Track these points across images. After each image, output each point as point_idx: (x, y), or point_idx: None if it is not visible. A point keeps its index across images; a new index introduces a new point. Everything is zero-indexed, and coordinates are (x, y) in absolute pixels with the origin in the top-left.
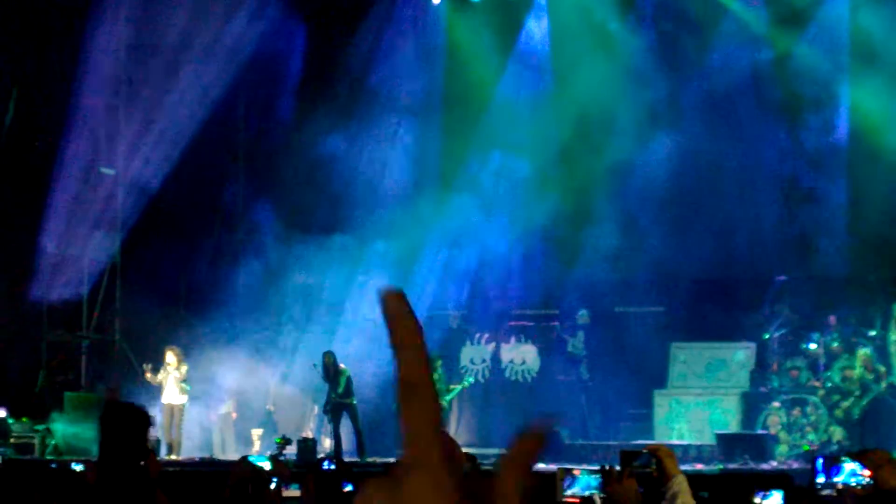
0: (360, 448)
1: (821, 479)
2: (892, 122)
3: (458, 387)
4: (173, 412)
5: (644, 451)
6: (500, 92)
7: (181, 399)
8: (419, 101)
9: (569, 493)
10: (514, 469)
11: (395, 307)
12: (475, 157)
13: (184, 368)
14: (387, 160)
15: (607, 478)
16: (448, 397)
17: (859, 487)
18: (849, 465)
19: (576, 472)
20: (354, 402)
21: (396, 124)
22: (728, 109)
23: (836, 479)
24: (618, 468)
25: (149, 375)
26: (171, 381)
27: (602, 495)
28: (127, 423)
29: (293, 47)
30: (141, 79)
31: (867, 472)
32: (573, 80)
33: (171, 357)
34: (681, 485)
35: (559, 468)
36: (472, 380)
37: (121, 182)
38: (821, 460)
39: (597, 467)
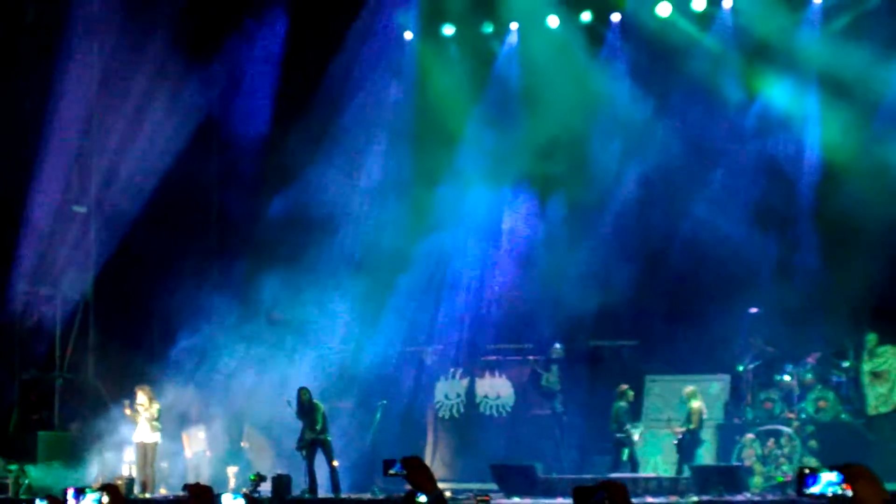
0: (335, 485)
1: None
2: (862, 153)
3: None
4: (146, 451)
5: (598, 487)
6: (472, 122)
7: (153, 437)
8: (391, 131)
9: None
10: None
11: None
12: (447, 188)
13: (155, 407)
14: (358, 192)
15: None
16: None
17: (834, 496)
18: (826, 476)
19: None
20: (329, 438)
21: (370, 153)
22: (700, 141)
23: (812, 489)
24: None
25: (128, 412)
26: (142, 419)
27: None
28: None
29: (266, 79)
30: (112, 115)
31: (846, 486)
32: (544, 111)
33: (141, 397)
34: None
35: None
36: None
37: (93, 219)
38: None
39: None
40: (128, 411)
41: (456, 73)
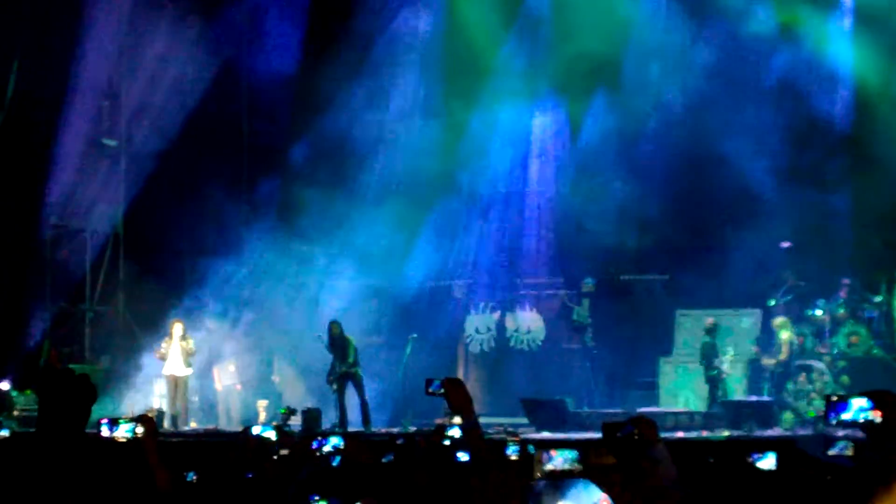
0: (365, 418)
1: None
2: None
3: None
4: (177, 384)
5: (626, 422)
6: (503, 50)
7: (185, 371)
8: (422, 61)
9: (548, 467)
10: None
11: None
12: (478, 117)
13: (191, 341)
14: (389, 120)
15: (585, 453)
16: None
17: (865, 422)
18: (857, 402)
19: (552, 453)
20: (360, 372)
21: (401, 84)
22: (733, 72)
23: (842, 416)
24: (596, 439)
25: (165, 345)
26: (175, 352)
27: (580, 468)
28: (65, 391)
29: (296, 11)
30: (142, 49)
31: (878, 413)
32: (577, 38)
33: (178, 329)
34: (661, 452)
35: (537, 451)
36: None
37: (123, 153)
38: (831, 399)
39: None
40: (165, 344)
41: (485, 6)
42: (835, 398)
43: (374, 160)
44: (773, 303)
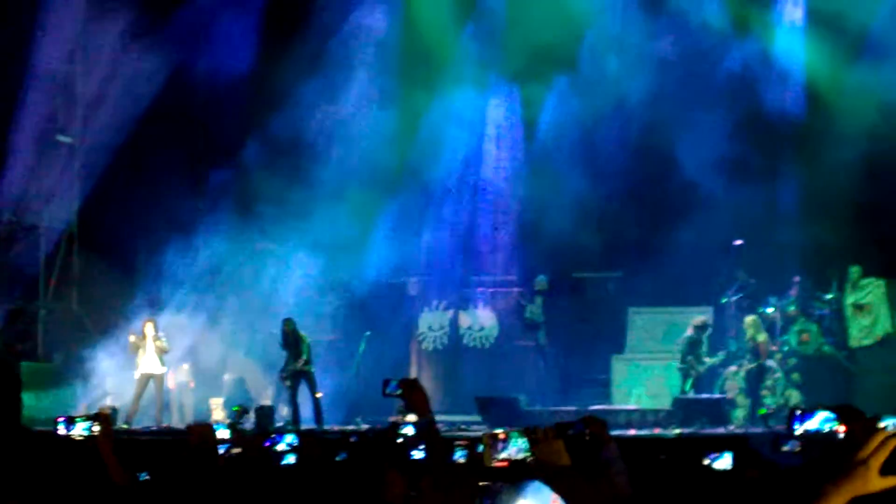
0: (318, 416)
1: (796, 427)
2: (848, 89)
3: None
4: (153, 382)
5: (577, 421)
6: (459, 44)
7: (161, 369)
8: (379, 51)
9: (501, 456)
10: None
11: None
12: (434, 112)
13: (164, 340)
14: (347, 116)
15: (533, 439)
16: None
17: (828, 433)
18: (822, 414)
19: (501, 436)
20: (313, 370)
21: (357, 79)
22: (688, 71)
23: (806, 425)
24: (543, 428)
25: (133, 339)
26: (150, 350)
27: (532, 457)
28: None
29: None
30: (98, 44)
31: (842, 427)
32: (533, 38)
33: (150, 328)
34: (613, 452)
35: (485, 433)
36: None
37: (78, 149)
38: (798, 412)
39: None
40: (132, 338)
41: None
42: (798, 411)
43: (329, 154)
44: (724, 300)
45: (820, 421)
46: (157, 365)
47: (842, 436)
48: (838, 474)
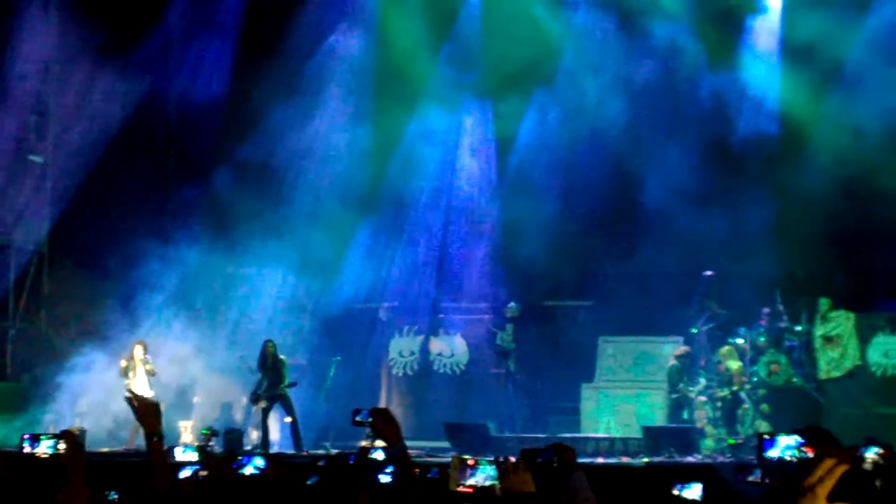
0: (297, 438)
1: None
2: (821, 119)
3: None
4: None
5: (545, 449)
6: (435, 62)
7: (150, 392)
8: (354, 76)
9: (468, 482)
10: None
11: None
12: (409, 137)
13: (151, 362)
14: (321, 138)
15: (502, 470)
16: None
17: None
18: (784, 440)
19: (470, 462)
20: (288, 392)
21: (331, 104)
22: (659, 104)
23: (769, 454)
24: (513, 460)
25: (124, 364)
26: (140, 373)
27: (499, 486)
28: None
29: (227, 28)
30: (70, 66)
31: (809, 450)
32: (509, 50)
33: (139, 351)
34: (580, 481)
35: (455, 456)
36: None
37: (50, 169)
38: (762, 437)
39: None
40: (123, 362)
41: (417, 21)
42: (766, 436)
43: (302, 176)
44: (695, 330)
45: (782, 448)
46: (146, 388)
47: (811, 457)
48: (788, 501)
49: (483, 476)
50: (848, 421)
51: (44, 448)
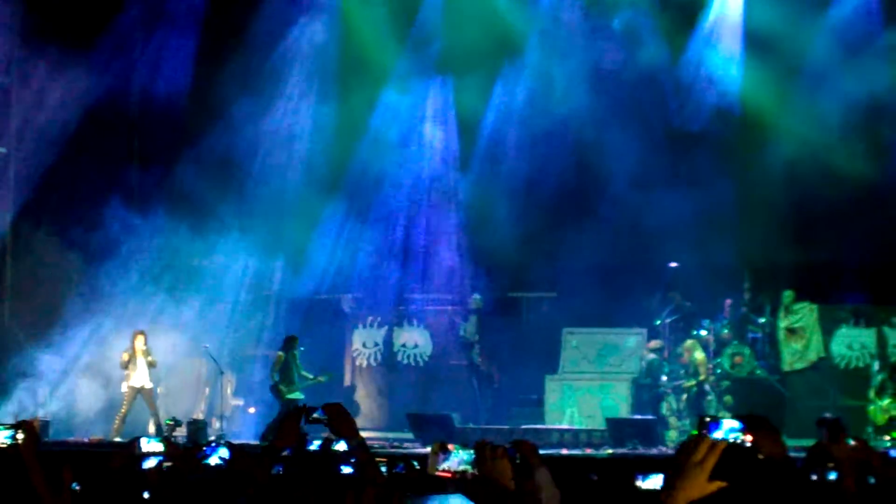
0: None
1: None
2: (783, 110)
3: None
4: (145, 395)
5: (508, 445)
6: (398, 51)
7: (150, 383)
8: (316, 71)
9: (443, 467)
10: None
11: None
12: (371, 137)
13: (151, 353)
14: (283, 137)
15: (481, 455)
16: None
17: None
18: (728, 423)
19: (450, 447)
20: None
21: (294, 101)
22: (619, 96)
23: (714, 435)
24: (493, 445)
25: (126, 357)
26: (141, 364)
27: (474, 471)
28: None
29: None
30: (34, 57)
31: (748, 437)
32: (472, 40)
33: (140, 342)
34: (543, 476)
35: (435, 443)
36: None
37: (12, 160)
38: (704, 420)
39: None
40: (125, 355)
41: (380, 8)
42: (707, 419)
43: (266, 166)
44: (658, 322)
45: (726, 430)
46: (146, 378)
47: (749, 445)
48: (674, 478)
49: (457, 460)
50: (811, 413)
51: (1, 438)
